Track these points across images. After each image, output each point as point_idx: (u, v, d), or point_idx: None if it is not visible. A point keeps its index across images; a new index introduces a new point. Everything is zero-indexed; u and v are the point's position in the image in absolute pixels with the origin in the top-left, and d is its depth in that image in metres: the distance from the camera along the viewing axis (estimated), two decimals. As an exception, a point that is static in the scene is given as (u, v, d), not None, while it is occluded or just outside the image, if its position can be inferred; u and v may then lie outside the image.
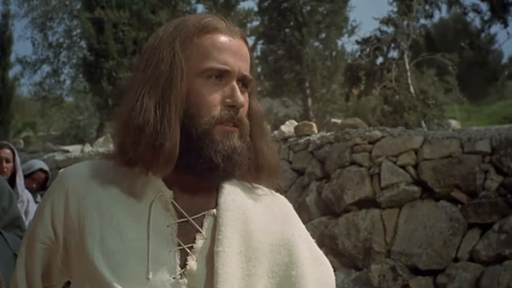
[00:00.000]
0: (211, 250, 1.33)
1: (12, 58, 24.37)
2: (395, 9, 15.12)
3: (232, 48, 1.37)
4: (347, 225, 6.87)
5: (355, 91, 15.46)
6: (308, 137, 7.80)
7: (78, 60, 25.42)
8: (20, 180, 4.82)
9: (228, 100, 1.34)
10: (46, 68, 26.92)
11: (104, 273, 1.29)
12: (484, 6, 16.00)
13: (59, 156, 11.91)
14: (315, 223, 7.23)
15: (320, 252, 1.48)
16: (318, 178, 7.42)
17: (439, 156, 6.38)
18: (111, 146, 1.41)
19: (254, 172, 1.41)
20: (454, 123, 13.55)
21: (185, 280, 1.31)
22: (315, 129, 8.04)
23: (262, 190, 1.45)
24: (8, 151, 4.81)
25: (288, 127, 8.39)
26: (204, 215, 1.36)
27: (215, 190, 1.39)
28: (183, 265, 1.32)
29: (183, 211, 1.35)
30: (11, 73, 24.04)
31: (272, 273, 1.37)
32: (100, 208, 1.34)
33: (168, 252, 1.32)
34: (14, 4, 36.04)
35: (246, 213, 1.38)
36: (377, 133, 6.96)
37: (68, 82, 27.30)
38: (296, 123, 8.45)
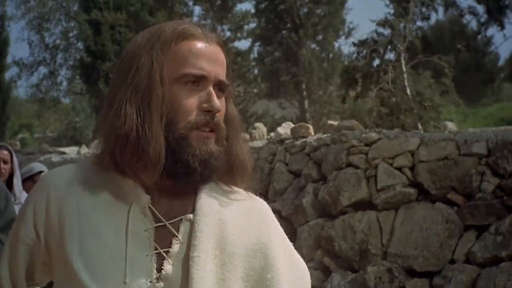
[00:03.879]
0: (187, 254, 1.35)
1: (9, 60, 24.41)
2: (392, 11, 15.14)
3: (209, 54, 1.40)
4: (344, 227, 6.88)
5: (352, 93, 15.48)
6: (304, 139, 7.81)
7: (75, 62, 25.42)
8: (17, 182, 4.81)
9: (204, 105, 1.37)
10: (42, 70, 26.96)
11: (82, 276, 1.31)
12: (480, 9, 16.07)
13: (55, 158, 11.91)
14: (311, 225, 7.24)
15: (297, 256, 1.50)
16: (314, 180, 7.42)
17: (435, 158, 6.39)
18: (96, 151, 1.43)
19: (228, 174, 1.44)
20: (450, 125, 13.57)
21: (161, 284, 1.34)
22: (311, 131, 8.05)
23: (240, 194, 1.48)
24: (5, 152, 4.81)
25: (284, 129, 8.41)
26: (181, 219, 1.39)
27: (193, 194, 1.42)
28: (160, 269, 1.34)
29: (160, 216, 1.37)
30: (8, 75, 24.11)
31: (248, 276, 1.39)
32: (80, 212, 1.36)
33: (145, 256, 1.35)
34: (11, 6, 36.02)
35: (222, 218, 1.40)
36: (373, 135, 6.97)
37: (64, 83, 27.31)
38: (292, 125, 8.46)
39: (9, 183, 4.69)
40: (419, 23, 17.07)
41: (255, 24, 22.72)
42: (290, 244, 1.51)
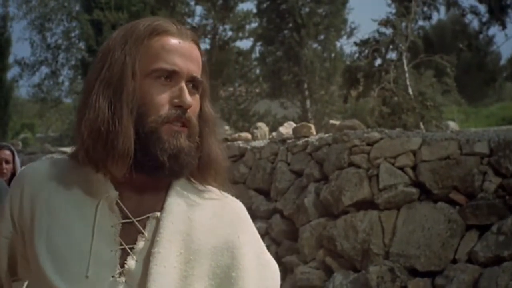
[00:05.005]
0: (151, 251, 1.37)
1: (11, 59, 24.41)
2: (394, 11, 15.12)
3: (182, 50, 1.41)
4: (346, 226, 6.88)
5: (354, 93, 15.45)
6: (306, 139, 7.82)
7: (76, 62, 25.39)
8: (19, 182, 4.81)
9: (176, 100, 1.38)
10: (44, 69, 26.89)
11: (46, 268, 1.33)
12: (482, 8, 16.04)
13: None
14: (313, 224, 7.24)
15: (268, 257, 1.50)
16: (316, 180, 7.42)
17: (437, 157, 6.39)
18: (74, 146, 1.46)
19: (201, 172, 1.45)
20: (452, 125, 13.52)
21: (122, 279, 1.35)
22: (313, 130, 8.06)
23: (213, 192, 1.48)
24: (8, 152, 4.82)
25: (286, 129, 8.41)
26: (148, 217, 1.40)
27: (164, 192, 1.43)
28: (123, 264, 1.36)
29: (127, 212, 1.39)
30: (10, 75, 24.11)
31: (213, 274, 1.40)
32: (50, 206, 1.39)
33: (110, 252, 1.36)
34: (12, 6, 36.01)
35: (191, 216, 1.41)
36: (375, 134, 6.97)
37: (66, 83, 27.25)
38: (294, 125, 8.47)
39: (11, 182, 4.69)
40: (420, 23, 17.06)
41: (256, 24, 22.68)
42: (262, 244, 1.51)
